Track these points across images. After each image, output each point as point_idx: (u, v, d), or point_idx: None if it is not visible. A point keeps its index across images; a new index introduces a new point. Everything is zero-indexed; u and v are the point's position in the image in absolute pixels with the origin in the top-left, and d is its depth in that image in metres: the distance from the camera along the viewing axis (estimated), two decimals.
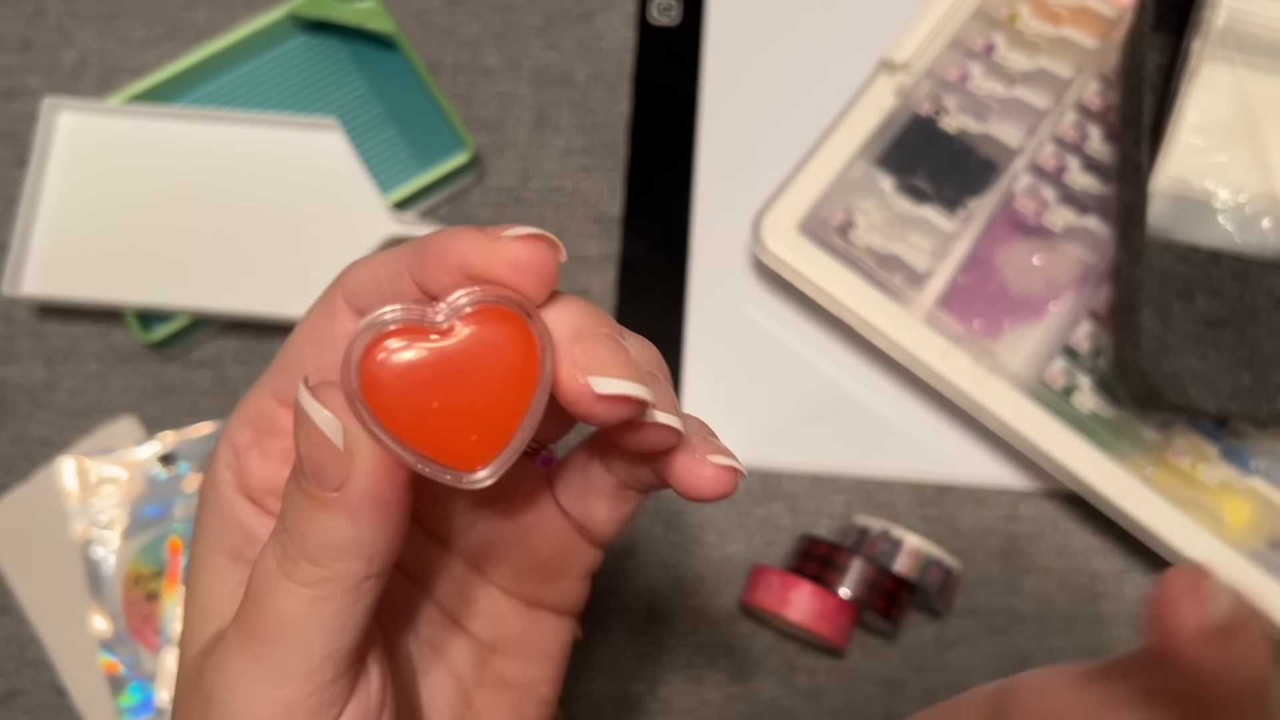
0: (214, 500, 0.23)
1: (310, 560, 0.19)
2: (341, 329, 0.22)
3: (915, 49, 0.43)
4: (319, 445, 0.18)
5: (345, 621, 0.20)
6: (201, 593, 0.23)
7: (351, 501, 0.19)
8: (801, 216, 0.42)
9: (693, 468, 0.21)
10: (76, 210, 0.43)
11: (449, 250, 0.19)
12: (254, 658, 0.20)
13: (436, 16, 0.48)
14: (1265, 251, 0.39)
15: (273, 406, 0.23)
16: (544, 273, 0.19)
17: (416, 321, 0.19)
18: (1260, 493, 0.39)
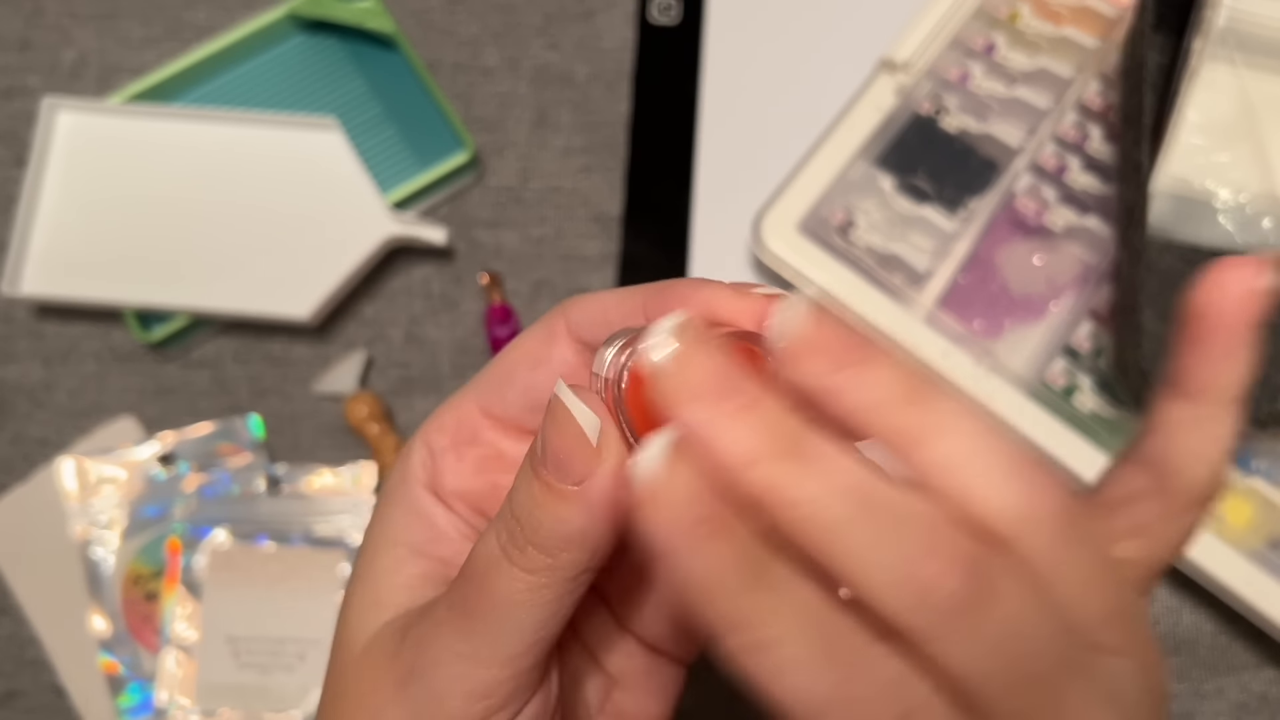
0: (403, 495, 0.24)
1: (538, 548, 0.20)
2: (559, 354, 0.24)
3: (915, 49, 0.43)
4: (573, 439, 0.19)
5: (556, 610, 0.21)
6: (378, 580, 0.24)
7: (591, 496, 0.20)
8: (802, 216, 0.41)
9: None
10: (76, 210, 0.43)
11: (695, 297, 0.21)
12: (465, 636, 0.21)
13: (436, 16, 0.48)
14: (1264, 252, 0.39)
15: (475, 416, 0.24)
16: None
17: None
18: (1260, 493, 0.39)
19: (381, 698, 0.22)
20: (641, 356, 0.19)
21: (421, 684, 0.21)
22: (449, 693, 0.21)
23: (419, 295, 0.45)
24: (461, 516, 0.25)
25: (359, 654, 0.23)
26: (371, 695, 0.22)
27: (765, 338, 0.20)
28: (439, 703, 0.21)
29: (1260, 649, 0.41)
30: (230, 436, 0.43)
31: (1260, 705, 0.40)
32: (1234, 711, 0.40)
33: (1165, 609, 0.41)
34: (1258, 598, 0.37)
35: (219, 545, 0.41)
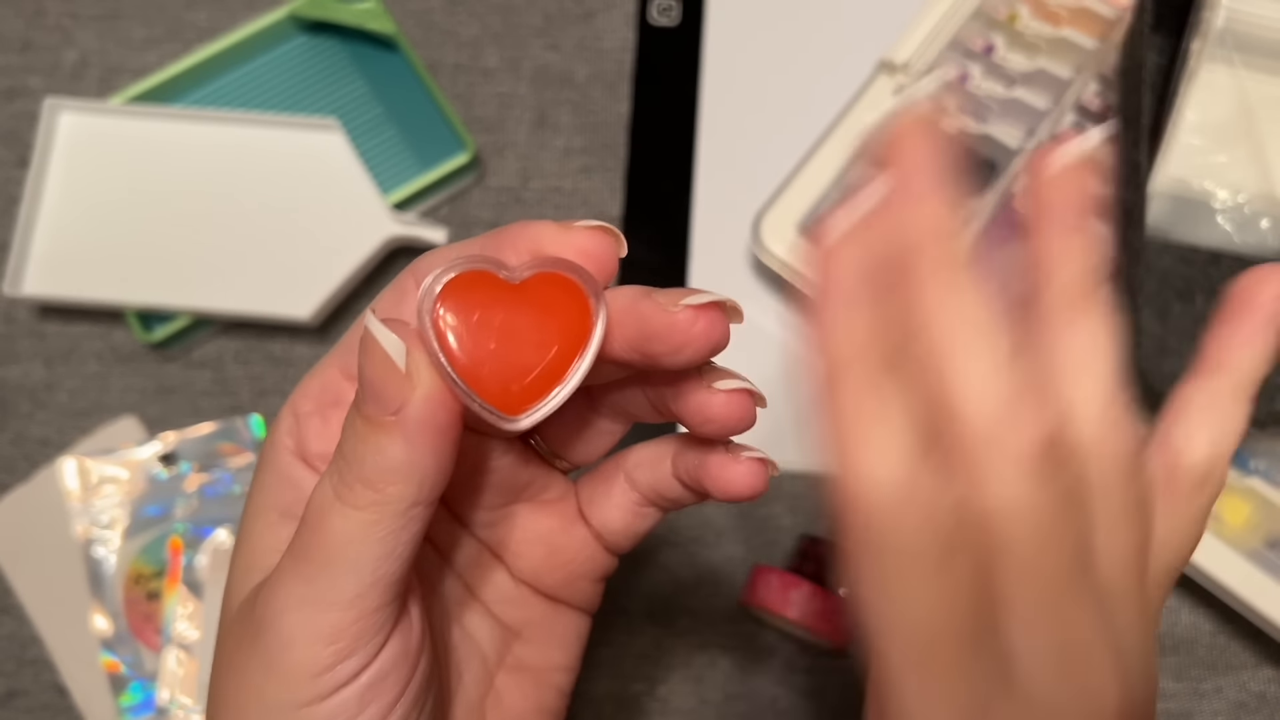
0: (273, 461, 0.25)
1: (365, 483, 0.20)
2: (409, 311, 0.23)
3: (915, 49, 0.43)
4: (383, 367, 0.20)
5: (393, 547, 0.21)
6: (250, 545, 0.24)
7: (408, 424, 0.20)
8: (801, 216, 0.42)
9: (727, 464, 0.24)
10: (77, 210, 0.43)
11: (524, 235, 0.22)
12: (305, 580, 0.21)
13: (436, 17, 0.48)
14: (1265, 252, 0.39)
15: (338, 379, 0.24)
16: (607, 261, 0.22)
17: (491, 270, 0.20)
18: (1259, 492, 0.39)
19: (242, 654, 0.22)
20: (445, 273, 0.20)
21: (271, 633, 0.21)
22: (295, 639, 0.21)
23: None
24: None
25: (230, 618, 0.23)
26: (235, 653, 0.22)
27: (588, 271, 0.21)
28: (287, 650, 0.21)
29: (1259, 648, 0.41)
30: (232, 436, 0.43)
31: (1259, 704, 0.40)
32: (1232, 711, 0.40)
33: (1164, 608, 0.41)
34: (1256, 597, 0.37)
35: (220, 545, 0.41)
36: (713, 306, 0.21)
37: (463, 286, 0.20)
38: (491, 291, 0.20)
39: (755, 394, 0.23)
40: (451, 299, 0.20)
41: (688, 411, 0.23)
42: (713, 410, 0.22)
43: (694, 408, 0.23)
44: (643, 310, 0.21)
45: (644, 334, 0.21)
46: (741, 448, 0.24)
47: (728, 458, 0.24)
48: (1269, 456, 0.40)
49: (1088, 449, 0.19)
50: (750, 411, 0.23)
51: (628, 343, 0.21)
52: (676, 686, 0.41)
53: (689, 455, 0.25)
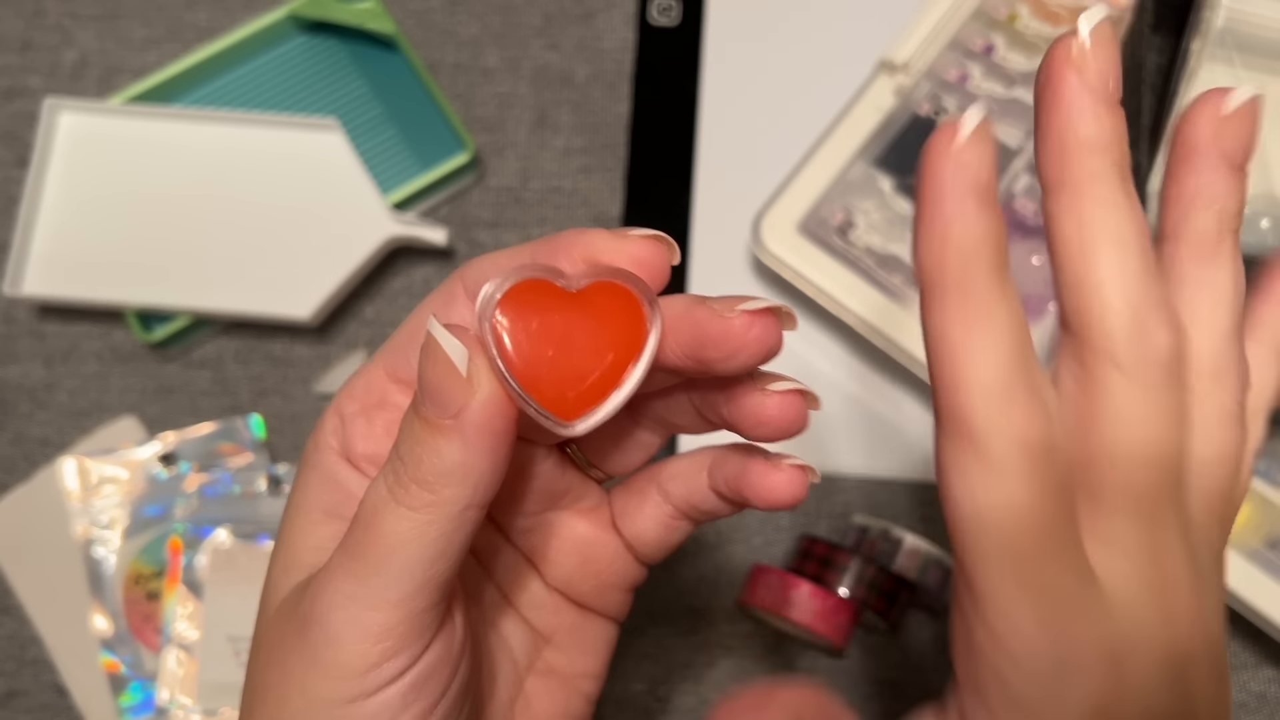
0: (317, 461, 0.25)
1: (420, 484, 0.20)
2: (459, 314, 0.24)
3: (915, 49, 0.43)
4: (444, 371, 0.20)
5: (445, 549, 0.21)
6: (293, 544, 0.24)
7: (466, 428, 0.20)
8: (801, 216, 0.42)
9: (768, 473, 0.24)
10: (77, 210, 0.43)
11: (578, 242, 0.22)
12: (357, 579, 0.21)
13: (436, 16, 0.48)
14: (1265, 251, 0.39)
15: (383, 381, 0.25)
16: (660, 269, 0.22)
17: (549, 279, 0.21)
18: (1259, 493, 0.39)
19: (285, 649, 0.22)
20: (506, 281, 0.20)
21: (318, 629, 0.21)
22: (343, 636, 0.21)
23: (420, 295, 0.45)
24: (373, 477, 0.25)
25: (272, 614, 0.23)
26: (278, 648, 0.22)
27: (643, 280, 0.21)
28: (335, 646, 0.21)
29: (1259, 648, 0.41)
30: (231, 436, 0.43)
31: (1259, 704, 0.40)
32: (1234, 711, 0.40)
33: None
34: (1256, 597, 0.37)
35: (220, 545, 0.41)
36: (767, 312, 0.21)
37: (522, 294, 0.20)
38: (550, 299, 0.21)
39: (807, 394, 0.23)
40: (511, 306, 0.20)
41: (741, 415, 0.23)
42: (767, 412, 0.23)
43: (748, 411, 0.23)
44: (697, 316, 0.21)
45: (698, 340, 0.21)
46: (781, 456, 0.24)
47: (768, 466, 0.24)
48: (1269, 456, 0.40)
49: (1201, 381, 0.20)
50: (804, 412, 0.23)
51: (681, 349, 0.22)
52: (676, 686, 0.41)
53: (728, 465, 0.25)
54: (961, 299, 0.19)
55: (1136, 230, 0.20)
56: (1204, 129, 0.21)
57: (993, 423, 0.19)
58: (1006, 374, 0.19)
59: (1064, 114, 0.20)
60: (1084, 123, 0.20)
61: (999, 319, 0.19)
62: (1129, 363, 0.19)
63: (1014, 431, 0.19)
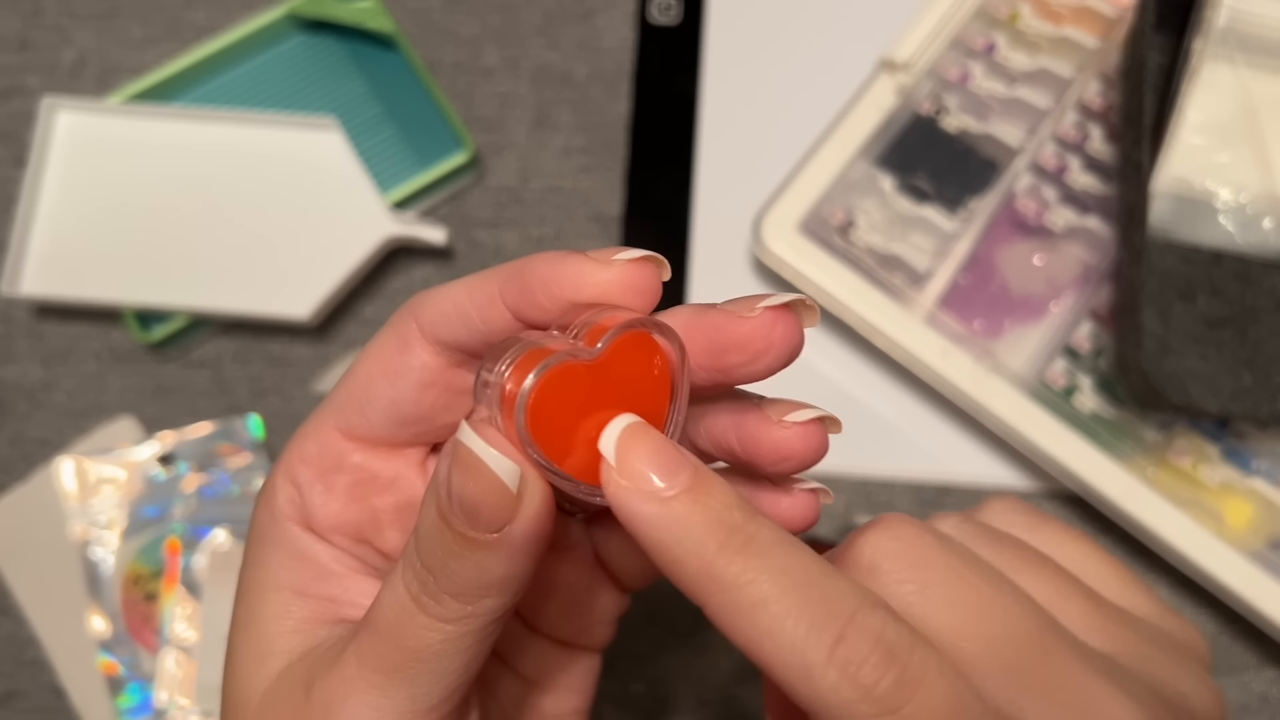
0: (277, 536, 0.23)
1: (457, 597, 0.19)
2: (418, 361, 0.22)
3: (916, 49, 0.43)
4: (490, 488, 0.18)
5: (479, 654, 0.20)
6: (264, 629, 0.22)
7: (514, 542, 0.18)
8: (802, 216, 0.41)
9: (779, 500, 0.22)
10: (75, 210, 0.43)
11: (555, 277, 0.19)
12: (383, 692, 0.20)
13: (436, 16, 0.48)
14: (1266, 252, 0.39)
15: (337, 440, 0.23)
16: (651, 292, 0.20)
17: (568, 358, 0.19)
18: (1261, 493, 0.39)
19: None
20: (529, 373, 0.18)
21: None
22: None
23: None
24: (343, 549, 0.23)
25: (255, 709, 0.22)
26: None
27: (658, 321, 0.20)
28: None
29: (1261, 649, 0.40)
30: (230, 437, 0.43)
31: (1261, 705, 0.40)
32: (1235, 712, 0.40)
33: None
34: (1258, 598, 0.37)
35: (219, 545, 0.41)
36: (787, 308, 0.19)
37: (550, 385, 0.18)
38: (579, 380, 0.19)
39: (828, 419, 0.21)
40: (544, 402, 0.18)
41: (761, 453, 0.21)
42: (790, 447, 0.20)
43: (769, 448, 0.20)
44: (714, 322, 0.20)
45: (718, 345, 0.20)
46: (793, 480, 0.22)
47: (779, 494, 0.22)
48: (1271, 457, 0.39)
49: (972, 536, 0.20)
50: (825, 441, 0.21)
51: (697, 359, 0.20)
52: (676, 686, 0.41)
53: None
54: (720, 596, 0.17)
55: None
56: None
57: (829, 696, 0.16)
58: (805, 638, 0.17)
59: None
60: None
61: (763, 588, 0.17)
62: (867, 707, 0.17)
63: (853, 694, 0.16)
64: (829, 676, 0.16)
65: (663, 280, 0.20)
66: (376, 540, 0.24)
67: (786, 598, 0.17)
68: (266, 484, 0.24)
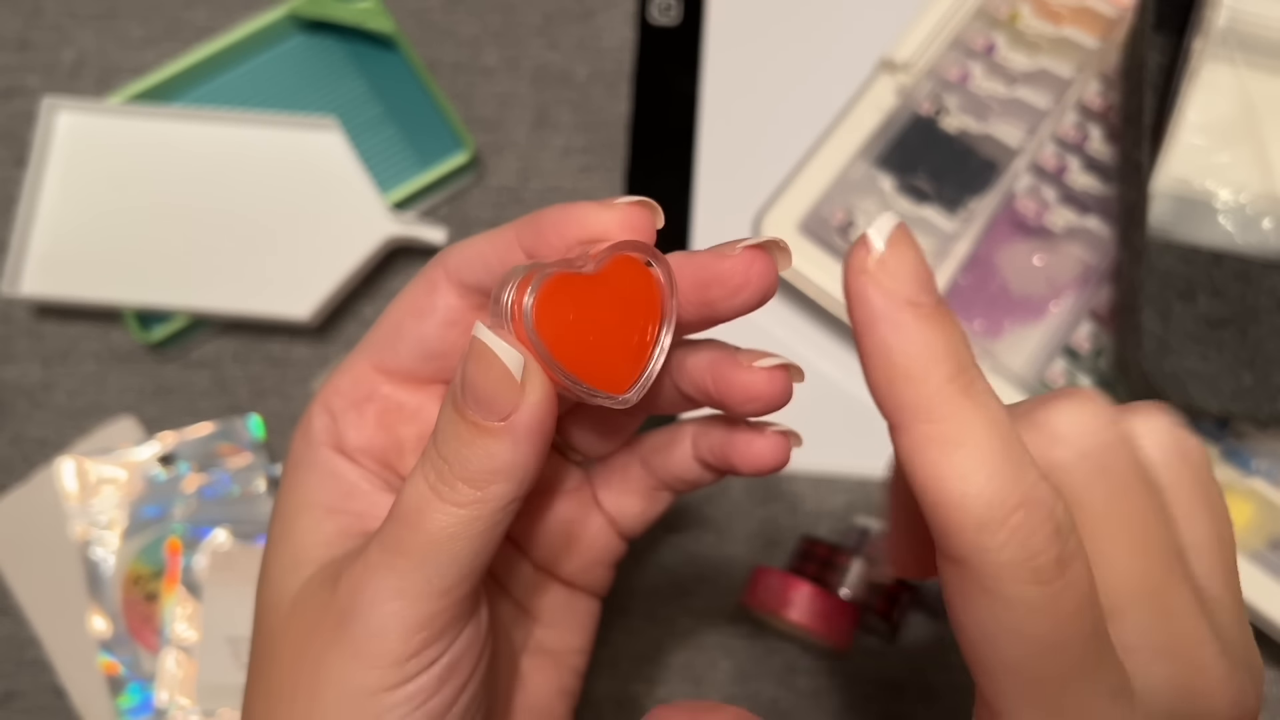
0: (311, 458, 0.25)
1: (468, 482, 0.21)
2: (443, 302, 0.25)
3: (916, 49, 0.43)
4: (497, 377, 0.20)
5: (489, 541, 0.22)
6: (297, 541, 0.25)
7: (518, 429, 0.21)
8: (802, 216, 0.41)
9: (754, 440, 0.25)
10: (75, 210, 0.43)
11: (565, 220, 0.22)
12: (401, 574, 0.22)
13: (436, 16, 0.48)
14: (1267, 252, 0.39)
15: (370, 374, 0.25)
16: (647, 234, 0.23)
17: (567, 268, 0.22)
18: (1261, 493, 0.39)
19: (320, 642, 0.23)
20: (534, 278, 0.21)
21: (360, 623, 0.22)
22: (388, 628, 0.22)
23: None
24: (370, 470, 0.26)
25: (287, 611, 0.24)
26: (309, 644, 0.23)
27: (649, 245, 0.22)
28: (379, 639, 0.22)
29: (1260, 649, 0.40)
30: (230, 437, 0.43)
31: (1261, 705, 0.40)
32: None
33: None
34: (1258, 598, 0.37)
35: (219, 545, 0.41)
36: (762, 249, 0.22)
37: (552, 292, 0.21)
38: (577, 289, 0.22)
39: (791, 367, 0.24)
40: (546, 305, 0.21)
41: (732, 392, 0.23)
42: (757, 388, 0.23)
43: (739, 388, 0.23)
44: (699, 260, 0.22)
45: (703, 280, 0.22)
46: (765, 423, 0.25)
47: (753, 434, 0.25)
48: (1271, 457, 0.40)
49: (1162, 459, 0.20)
50: (789, 385, 0.24)
51: (688, 294, 0.22)
52: (676, 687, 0.41)
53: (712, 435, 0.26)
54: (927, 424, 0.18)
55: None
56: None
57: (991, 553, 0.17)
58: (995, 493, 0.17)
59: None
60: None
61: (974, 433, 0.18)
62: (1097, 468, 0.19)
63: (1017, 555, 0.17)
64: (1000, 534, 0.17)
65: (656, 226, 0.23)
66: (399, 465, 0.26)
67: (987, 448, 0.17)
68: (304, 416, 0.26)
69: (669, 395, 0.25)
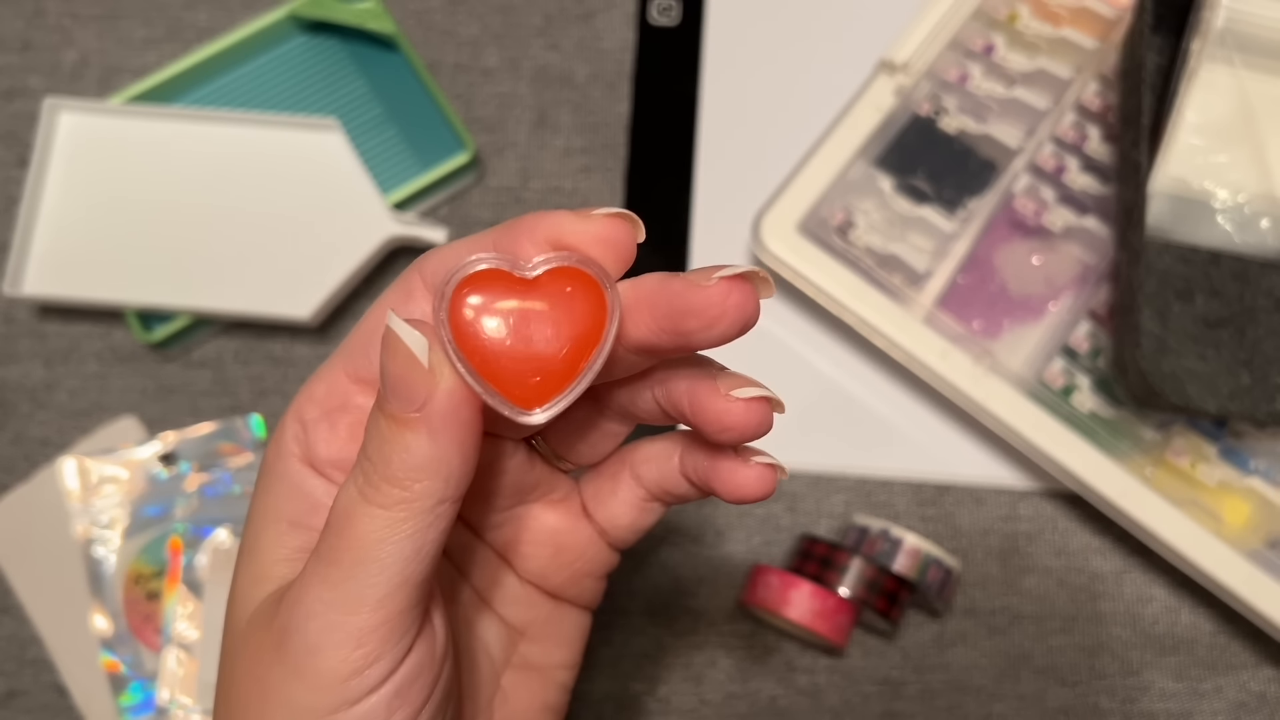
0: (280, 470, 0.24)
1: (391, 481, 0.20)
2: (419, 309, 0.23)
3: (915, 49, 0.43)
4: (406, 364, 0.20)
5: (420, 546, 0.21)
6: (261, 555, 0.24)
7: (433, 419, 0.20)
8: (801, 216, 0.42)
9: (737, 469, 0.24)
10: (77, 210, 0.43)
11: (540, 225, 0.21)
12: (331, 585, 0.21)
13: (436, 16, 0.48)
14: (1264, 252, 0.39)
15: (344, 383, 0.24)
16: (626, 248, 0.22)
17: (505, 268, 0.21)
18: (1259, 492, 0.39)
19: (264, 663, 0.22)
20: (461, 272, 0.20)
21: (297, 639, 0.21)
22: (323, 644, 0.21)
23: None
24: (338, 484, 0.25)
25: (244, 629, 0.23)
26: (256, 663, 0.22)
27: (600, 264, 0.21)
28: (315, 655, 0.21)
29: (1259, 648, 0.41)
30: (232, 436, 0.43)
31: (1259, 704, 0.40)
32: (1232, 710, 0.40)
33: (1164, 608, 0.41)
34: (1256, 597, 0.37)
35: (220, 544, 0.41)
36: (743, 279, 0.21)
37: (478, 283, 0.20)
38: (506, 288, 0.20)
39: (773, 400, 0.22)
40: (467, 296, 0.20)
41: (706, 420, 0.22)
42: (731, 419, 0.22)
43: (712, 416, 0.22)
44: (674, 288, 0.21)
45: (677, 310, 0.21)
46: (751, 451, 0.24)
47: (737, 462, 0.24)
48: (1269, 456, 0.40)
49: None
50: (768, 418, 0.22)
51: (659, 323, 0.21)
52: (676, 686, 0.41)
53: (697, 456, 0.25)
54: None
55: None
56: None
57: None
58: None
59: None
60: None
61: None
62: None
63: None
64: None
65: (637, 240, 0.22)
66: None
67: None
68: (278, 424, 0.25)
69: (652, 409, 0.25)
